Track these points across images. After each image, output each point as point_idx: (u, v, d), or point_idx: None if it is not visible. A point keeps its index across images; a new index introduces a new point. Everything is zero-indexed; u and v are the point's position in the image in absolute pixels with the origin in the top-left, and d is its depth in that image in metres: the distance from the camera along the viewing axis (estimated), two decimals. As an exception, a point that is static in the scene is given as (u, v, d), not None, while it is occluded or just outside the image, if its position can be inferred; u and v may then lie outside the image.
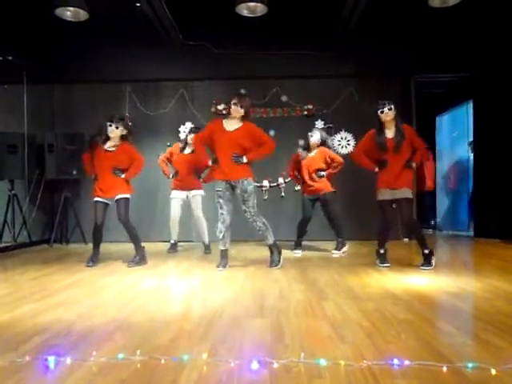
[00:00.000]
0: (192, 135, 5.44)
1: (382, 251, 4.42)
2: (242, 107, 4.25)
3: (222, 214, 4.29)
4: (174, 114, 6.91)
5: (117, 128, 4.52)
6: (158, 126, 6.92)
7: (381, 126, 4.24)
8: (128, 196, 4.60)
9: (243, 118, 4.33)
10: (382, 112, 4.18)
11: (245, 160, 4.25)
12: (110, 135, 4.53)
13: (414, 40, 6.69)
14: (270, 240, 4.37)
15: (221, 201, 4.29)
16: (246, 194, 4.24)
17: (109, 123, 4.51)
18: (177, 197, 5.57)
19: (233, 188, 4.30)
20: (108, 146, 4.56)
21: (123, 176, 4.58)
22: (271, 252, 4.40)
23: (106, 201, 4.57)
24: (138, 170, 4.68)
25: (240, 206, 4.32)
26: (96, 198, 4.55)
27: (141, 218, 6.53)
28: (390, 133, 4.23)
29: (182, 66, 6.92)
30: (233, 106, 4.27)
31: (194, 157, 5.41)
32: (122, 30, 6.33)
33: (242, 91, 6.81)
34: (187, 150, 5.55)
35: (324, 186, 5.30)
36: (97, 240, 4.65)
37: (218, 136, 4.27)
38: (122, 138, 4.60)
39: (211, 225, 5.55)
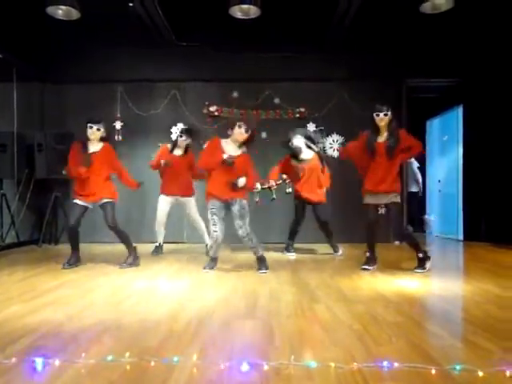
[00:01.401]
0: (184, 138, 5.38)
1: (367, 254, 4.45)
2: (246, 131, 4.16)
3: (215, 231, 4.19)
4: (166, 114, 6.89)
5: (98, 130, 4.43)
6: (149, 126, 6.89)
7: (374, 129, 4.23)
8: (112, 200, 4.48)
9: (244, 144, 4.24)
10: (378, 115, 4.18)
11: (242, 184, 4.15)
12: (91, 137, 4.43)
13: (406, 45, 6.75)
14: (261, 252, 4.30)
15: (215, 218, 4.19)
16: (243, 211, 4.17)
17: (89, 124, 4.41)
18: (165, 200, 5.46)
19: (228, 207, 4.23)
20: (91, 149, 4.46)
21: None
22: (260, 261, 4.29)
23: (86, 204, 4.45)
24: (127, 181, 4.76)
25: (233, 223, 4.22)
26: (76, 201, 4.46)
27: (130, 219, 6.49)
28: (381, 138, 4.23)
29: (175, 66, 6.90)
30: (237, 129, 4.14)
31: (185, 159, 5.39)
32: (115, 29, 6.30)
33: (235, 94, 6.86)
34: (177, 152, 5.44)
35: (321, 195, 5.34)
36: (73, 242, 4.52)
37: (216, 157, 4.14)
38: (101, 139, 4.51)
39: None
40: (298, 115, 6.88)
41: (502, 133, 6.52)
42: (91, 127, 4.41)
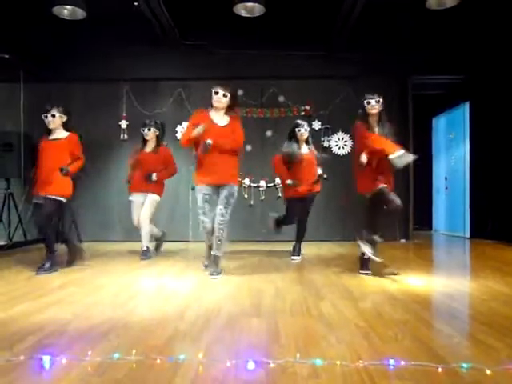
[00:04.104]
0: (147, 130, 5.07)
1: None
2: (224, 96, 3.82)
3: (203, 221, 3.88)
4: (171, 113, 6.90)
5: (53, 116, 4.11)
6: (155, 125, 6.90)
7: (367, 119, 3.86)
8: (56, 198, 4.06)
9: (228, 110, 3.92)
10: (369, 103, 3.80)
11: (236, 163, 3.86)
12: (51, 127, 4.15)
13: (412, 42, 6.71)
14: (221, 252, 3.93)
15: (206, 206, 3.88)
16: (232, 199, 3.86)
17: (44, 115, 4.12)
18: (136, 200, 5.13)
19: (218, 191, 3.91)
20: (52, 136, 4.20)
21: (69, 169, 4.09)
22: (215, 261, 3.92)
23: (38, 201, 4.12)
24: (77, 168, 4.21)
25: (217, 208, 3.88)
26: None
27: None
28: (376, 128, 3.85)
29: (180, 65, 6.92)
30: (214, 96, 3.80)
31: (155, 156, 5.09)
32: (120, 29, 6.33)
33: (239, 92, 6.84)
34: (148, 148, 5.15)
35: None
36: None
37: (207, 130, 3.73)
38: (64, 126, 4.22)
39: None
40: (303, 113, 6.86)
41: (509, 130, 6.47)
42: (46, 117, 4.13)
